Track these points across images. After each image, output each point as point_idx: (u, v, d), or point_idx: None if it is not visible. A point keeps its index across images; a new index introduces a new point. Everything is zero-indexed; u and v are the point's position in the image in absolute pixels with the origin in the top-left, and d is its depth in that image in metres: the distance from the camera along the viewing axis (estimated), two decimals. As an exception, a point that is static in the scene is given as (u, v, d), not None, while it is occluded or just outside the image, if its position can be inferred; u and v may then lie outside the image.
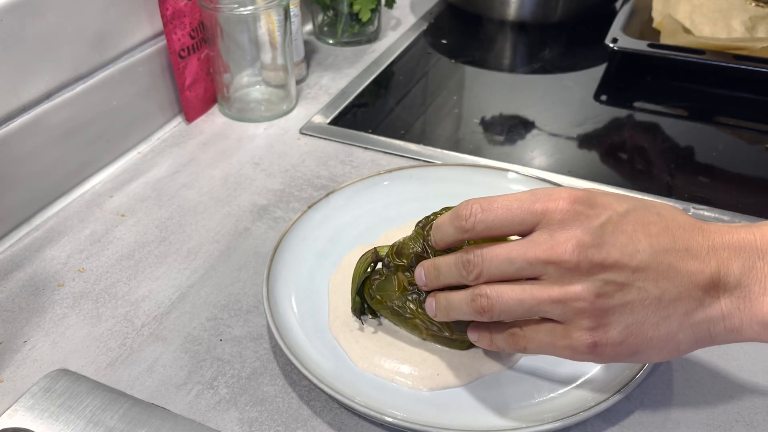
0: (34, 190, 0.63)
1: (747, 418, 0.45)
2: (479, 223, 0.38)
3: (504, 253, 0.38)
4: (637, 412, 0.45)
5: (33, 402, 0.45)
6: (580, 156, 0.73)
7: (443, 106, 0.83)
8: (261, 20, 0.73)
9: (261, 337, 0.51)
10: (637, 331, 0.37)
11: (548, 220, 0.37)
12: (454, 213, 0.40)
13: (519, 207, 0.38)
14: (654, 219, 0.37)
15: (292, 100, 0.80)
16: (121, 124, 0.71)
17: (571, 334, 0.37)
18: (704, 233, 0.37)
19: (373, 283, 0.49)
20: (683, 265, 0.36)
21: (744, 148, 0.74)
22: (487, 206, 0.38)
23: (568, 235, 0.36)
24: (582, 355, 0.38)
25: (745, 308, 0.36)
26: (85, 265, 0.58)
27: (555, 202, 0.37)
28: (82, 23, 0.63)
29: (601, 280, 0.36)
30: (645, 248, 0.36)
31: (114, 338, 0.52)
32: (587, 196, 0.37)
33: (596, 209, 0.37)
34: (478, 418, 0.44)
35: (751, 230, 0.37)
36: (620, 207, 0.37)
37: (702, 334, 0.37)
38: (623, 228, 0.37)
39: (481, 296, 0.39)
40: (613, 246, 0.36)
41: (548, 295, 0.37)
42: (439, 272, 0.42)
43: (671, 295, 0.36)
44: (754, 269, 0.36)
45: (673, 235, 0.37)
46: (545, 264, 0.36)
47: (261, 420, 0.45)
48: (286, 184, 0.67)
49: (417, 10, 1.05)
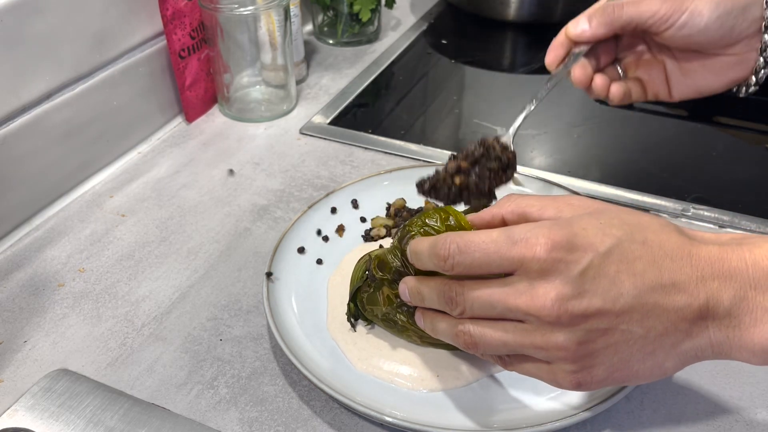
0: (34, 190, 0.63)
1: (747, 418, 0.45)
2: (457, 266, 0.37)
3: (485, 296, 0.37)
4: (637, 412, 0.45)
5: (33, 402, 0.45)
6: (580, 156, 0.73)
7: (443, 106, 0.83)
8: (261, 20, 0.73)
9: (261, 337, 0.51)
10: (622, 368, 0.36)
11: (527, 268, 0.35)
12: (433, 250, 0.38)
13: (496, 252, 0.36)
14: (639, 252, 0.36)
15: (292, 100, 0.80)
16: (121, 124, 0.71)
17: (555, 374, 0.37)
18: (693, 262, 0.35)
19: (364, 296, 0.48)
20: (670, 302, 0.35)
21: (744, 148, 0.74)
22: (464, 247, 0.37)
23: (548, 288, 0.35)
24: (568, 390, 0.38)
25: (735, 337, 0.35)
26: (85, 265, 0.58)
27: (532, 250, 0.35)
28: (82, 23, 0.63)
29: (583, 329, 0.35)
30: (629, 290, 0.35)
31: (114, 338, 0.52)
32: (567, 240, 0.35)
33: (576, 254, 0.35)
34: (478, 418, 0.44)
35: (742, 257, 0.35)
36: (602, 245, 0.35)
37: (689, 359, 0.37)
38: (605, 272, 0.35)
39: (465, 334, 0.38)
40: (595, 294, 0.35)
41: (531, 341, 0.36)
42: (423, 297, 0.41)
43: (657, 331, 0.35)
44: (745, 300, 0.35)
45: (659, 269, 0.35)
46: (525, 314, 0.36)
47: (261, 420, 0.45)
48: (286, 184, 0.68)
49: (417, 10, 1.05)
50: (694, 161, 0.72)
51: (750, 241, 0.36)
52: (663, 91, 0.55)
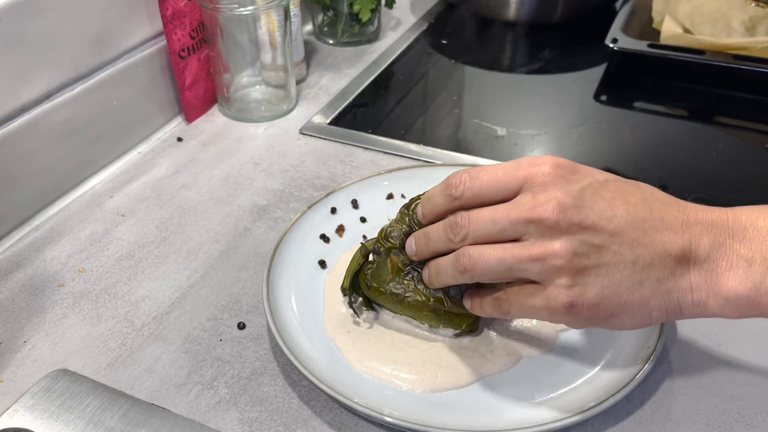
0: (34, 190, 0.63)
1: (747, 418, 0.45)
2: (467, 191, 0.40)
3: (489, 214, 0.40)
4: (637, 412, 0.45)
5: (33, 402, 0.45)
6: (580, 156, 0.73)
7: (443, 106, 0.83)
8: (261, 20, 0.73)
9: (261, 337, 0.51)
10: (612, 294, 0.38)
11: (531, 183, 0.39)
12: (445, 183, 0.42)
13: (504, 174, 0.40)
14: (632, 190, 0.39)
15: (292, 100, 0.80)
16: (121, 124, 0.71)
17: (548, 294, 0.39)
18: (680, 208, 0.39)
19: (367, 273, 0.49)
20: (657, 235, 0.38)
21: (744, 148, 0.74)
22: (475, 175, 0.41)
23: (549, 196, 0.38)
24: (560, 316, 0.39)
25: (711, 282, 0.38)
26: (85, 265, 0.58)
27: (538, 167, 0.39)
28: (82, 23, 0.63)
29: (579, 239, 0.38)
30: (622, 215, 0.38)
31: (114, 338, 0.52)
32: (570, 164, 0.40)
33: (577, 175, 0.39)
34: (478, 418, 0.44)
35: (725, 211, 0.39)
36: (601, 176, 0.40)
37: (672, 304, 0.39)
38: (602, 194, 0.39)
39: (464, 256, 0.40)
40: (592, 209, 0.38)
41: (528, 253, 0.38)
42: (429, 239, 0.43)
43: (645, 260, 0.38)
44: (723, 246, 0.38)
45: (650, 206, 0.39)
46: (527, 223, 0.38)
47: (261, 420, 0.45)
48: (286, 184, 0.67)
49: (417, 10, 1.05)
50: (694, 161, 0.72)
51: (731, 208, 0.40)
52: None
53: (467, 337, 0.49)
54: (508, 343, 0.48)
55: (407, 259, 0.47)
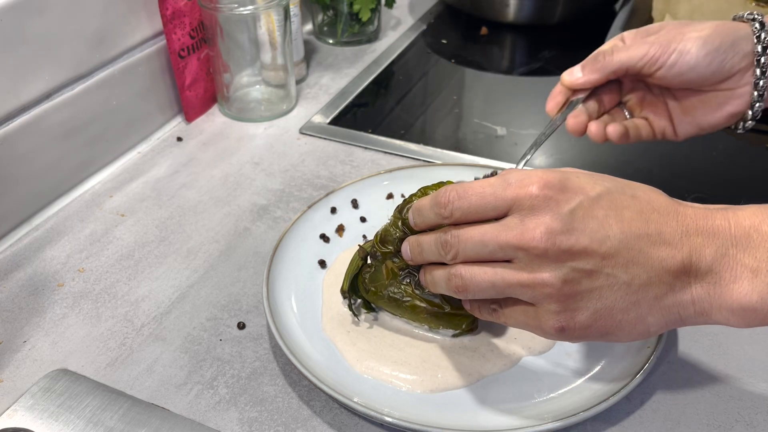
0: (34, 189, 0.63)
1: (747, 418, 0.45)
2: (456, 210, 0.39)
3: (478, 236, 0.39)
4: (637, 412, 0.45)
5: (33, 402, 0.45)
6: (580, 156, 0.73)
7: (443, 106, 0.83)
8: (261, 20, 0.73)
9: (261, 337, 0.51)
10: (605, 315, 0.37)
11: (519, 205, 0.37)
12: (434, 200, 0.41)
13: (492, 194, 0.38)
14: (628, 203, 0.38)
15: (292, 99, 0.80)
16: (121, 124, 0.71)
17: (539, 316, 0.38)
18: (678, 218, 0.37)
19: (365, 277, 0.49)
20: (654, 251, 0.36)
21: (744, 148, 0.74)
22: (462, 194, 0.39)
23: (538, 222, 0.37)
24: (551, 336, 0.39)
25: (715, 294, 0.37)
26: (85, 265, 0.58)
27: (526, 188, 0.37)
28: (82, 23, 0.63)
29: (569, 267, 0.36)
30: (615, 234, 0.36)
31: (114, 338, 0.52)
32: (559, 181, 0.37)
33: (567, 194, 0.37)
34: (478, 418, 0.44)
35: (726, 216, 0.37)
36: (593, 191, 0.38)
37: (672, 317, 0.38)
38: (594, 213, 0.37)
39: (456, 276, 0.40)
40: (582, 232, 0.36)
41: (517, 279, 0.38)
42: (422, 249, 0.43)
43: (641, 280, 0.37)
44: (726, 256, 0.36)
45: (646, 219, 0.37)
46: (515, 249, 0.37)
47: (261, 420, 0.45)
48: (286, 184, 0.67)
49: (416, 10, 1.05)
50: (694, 161, 0.72)
51: (734, 207, 0.38)
52: (668, 129, 0.55)
53: (467, 337, 0.49)
54: (508, 343, 0.49)
55: (404, 264, 0.47)
